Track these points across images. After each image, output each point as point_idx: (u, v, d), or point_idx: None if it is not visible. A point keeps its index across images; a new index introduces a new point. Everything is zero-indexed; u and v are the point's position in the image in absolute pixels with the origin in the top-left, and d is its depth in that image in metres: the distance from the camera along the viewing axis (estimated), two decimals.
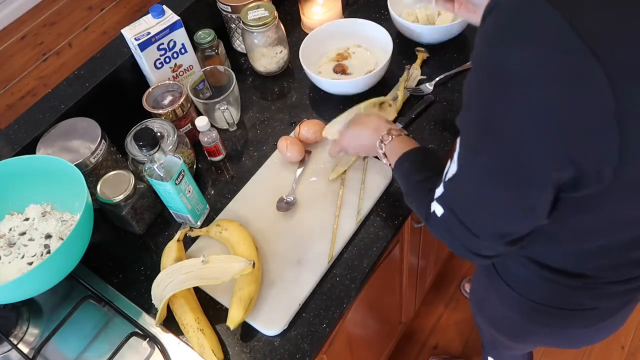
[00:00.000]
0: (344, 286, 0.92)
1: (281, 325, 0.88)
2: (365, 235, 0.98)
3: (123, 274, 1.00)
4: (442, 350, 1.78)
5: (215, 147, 1.10)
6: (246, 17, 1.16)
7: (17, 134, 1.04)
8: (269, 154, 1.11)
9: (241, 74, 1.29)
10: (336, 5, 1.30)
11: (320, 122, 1.09)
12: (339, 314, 0.90)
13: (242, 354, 0.88)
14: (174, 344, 0.90)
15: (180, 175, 0.92)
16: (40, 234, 0.97)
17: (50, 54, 2.49)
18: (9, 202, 1.00)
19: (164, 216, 1.07)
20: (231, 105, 1.13)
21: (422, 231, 1.32)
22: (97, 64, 1.14)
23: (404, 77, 1.17)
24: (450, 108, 1.14)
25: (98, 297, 0.95)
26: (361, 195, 1.01)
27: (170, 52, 1.13)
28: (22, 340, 0.94)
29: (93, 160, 0.99)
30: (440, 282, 1.89)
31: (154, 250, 1.02)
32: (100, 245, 1.05)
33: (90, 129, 1.02)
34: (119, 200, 0.96)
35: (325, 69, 1.22)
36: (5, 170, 0.97)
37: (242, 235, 0.95)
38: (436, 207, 0.70)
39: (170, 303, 0.90)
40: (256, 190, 1.06)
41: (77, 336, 0.93)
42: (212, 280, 0.86)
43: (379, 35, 1.19)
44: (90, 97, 1.10)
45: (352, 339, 1.15)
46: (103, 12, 2.57)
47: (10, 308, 0.96)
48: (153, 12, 1.09)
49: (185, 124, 1.10)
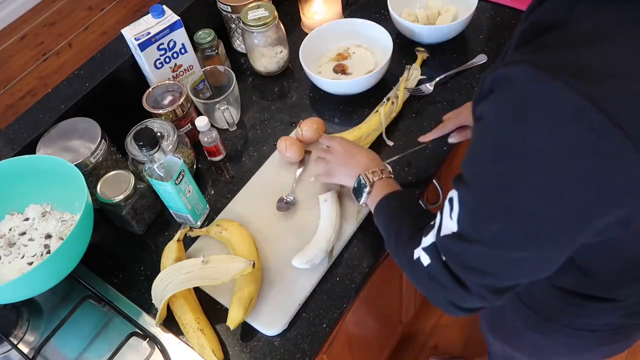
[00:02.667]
0: (344, 286, 0.92)
1: (281, 325, 0.88)
2: (365, 235, 0.98)
3: (123, 274, 1.00)
4: (442, 350, 1.78)
5: (215, 147, 1.10)
6: (246, 17, 1.16)
7: (17, 134, 1.04)
8: (269, 154, 1.11)
9: (241, 74, 1.29)
10: (336, 5, 1.30)
11: (320, 119, 1.09)
12: (339, 314, 0.90)
13: (242, 354, 0.88)
14: (174, 344, 0.90)
15: (180, 175, 0.92)
16: (40, 234, 0.97)
17: (50, 54, 2.49)
18: (9, 202, 1.00)
19: (164, 216, 1.07)
20: (231, 105, 1.13)
21: None
22: (97, 64, 1.14)
23: (404, 77, 1.17)
24: (450, 108, 1.13)
25: (98, 297, 0.95)
26: None
27: (170, 52, 1.13)
28: (22, 340, 0.94)
29: (93, 160, 0.99)
30: None
31: (154, 250, 1.02)
32: (100, 245, 1.05)
33: (90, 129, 1.02)
34: (119, 200, 0.96)
35: (325, 69, 1.22)
36: (5, 170, 0.97)
37: (242, 235, 0.95)
38: (422, 255, 0.67)
39: (170, 303, 0.90)
40: (256, 190, 1.06)
41: (77, 336, 0.93)
42: (212, 280, 0.86)
43: (379, 35, 1.19)
44: (90, 97, 1.10)
45: (352, 339, 1.15)
46: (103, 12, 2.57)
47: (10, 308, 0.96)
48: (153, 12, 1.09)
49: (185, 124, 1.10)
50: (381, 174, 0.88)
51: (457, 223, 0.61)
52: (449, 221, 0.62)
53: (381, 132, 1.09)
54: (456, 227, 0.61)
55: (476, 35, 1.26)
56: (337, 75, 1.20)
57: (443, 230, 0.63)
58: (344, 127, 1.14)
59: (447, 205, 0.62)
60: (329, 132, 1.12)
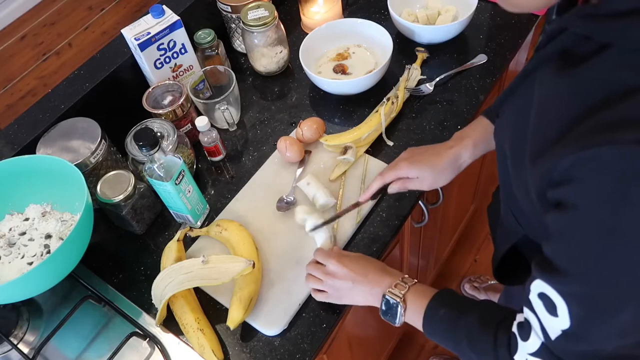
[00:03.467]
0: None
1: (281, 325, 0.88)
2: (365, 235, 0.98)
3: (123, 274, 1.00)
4: (442, 350, 1.78)
5: (215, 147, 1.10)
6: (246, 17, 1.16)
7: (17, 134, 1.04)
8: (269, 154, 1.11)
9: (241, 74, 1.29)
10: (336, 5, 1.30)
11: (320, 119, 1.09)
12: (339, 314, 0.90)
13: (242, 354, 0.88)
14: (174, 344, 0.90)
15: (180, 175, 0.92)
16: (40, 234, 0.97)
17: (50, 54, 2.49)
18: (9, 202, 1.00)
19: (164, 216, 1.07)
20: (231, 105, 1.13)
21: (422, 231, 1.33)
22: (97, 64, 1.14)
23: (404, 77, 1.17)
24: (450, 108, 1.14)
25: (98, 297, 0.95)
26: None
27: (170, 52, 1.13)
28: (22, 340, 0.94)
29: (93, 160, 0.99)
30: (440, 282, 1.89)
31: (154, 250, 1.02)
32: (100, 245, 1.05)
33: (90, 129, 1.02)
34: (119, 200, 0.96)
35: (325, 69, 1.22)
36: (5, 170, 0.97)
37: (242, 235, 0.95)
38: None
39: (170, 303, 0.90)
40: (256, 190, 1.06)
41: (77, 336, 0.93)
42: (212, 280, 0.86)
43: (379, 35, 1.19)
44: (90, 97, 1.10)
45: (352, 339, 1.15)
46: (103, 12, 2.57)
47: (10, 308, 0.96)
48: (153, 12, 1.09)
49: (185, 124, 1.10)
50: (404, 283, 0.79)
51: (569, 319, 0.55)
52: (552, 319, 0.57)
53: (381, 132, 1.09)
54: (568, 323, 0.55)
55: (476, 35, 1.26)
56: (337, 75, 1.20)
57: (550, 331, 0.58)
58: (344, 127, 1.14)
59: (539, 301, 0.57)
60: (329, 132, 1.12)
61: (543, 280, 0.56)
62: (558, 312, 0.55)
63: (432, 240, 1.48)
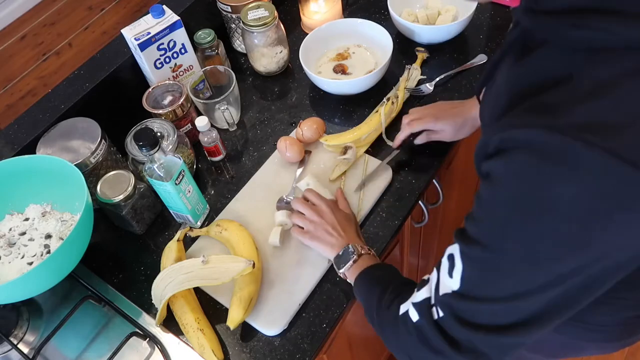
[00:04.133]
0: (344, 286, 0.92)
1: (281, 325, 0.88)
2: (365, 235, 0.98)
3: (123, 274, 1.00)
4: None
5: (215, 147, 1.10)
6: (246, 17, 1.16)
7: (17, 134, 1.04)
8: (269, 154, 1.11)
9: (241, 74, 1.29)
10: (336, 5, 1.30)
11: (320, 119, 1.09)
12: (339, 314, 0.90)
13: (242, 354, 0.88)
14: (174, 344, 0.90)
15: (180, 175, 0.92)
16: (40, 234, 0.97)
17: (50, 54, 2.49)
18: (9, 202, 1.00)
19: (164, 216, 1.07)
20: (231, 105, 1.13)
21: (422, 231, 1.33)
22: (97, 64, 1.14)
23: (404, 77, 1.17)
24: None
25: (98, 297, 0.95)
26: (361, 196, 1.01)
27: (170, 52, 1.13)
28: (22, 340, 0.94)
29: (93, 160, 0.99)
30: None
31: (154, 250, 1.02)
32: (100, 245, 1.05)
33: (90, 129, 1.02)
34: (119, 200, 0.96)
35: (325, 69, 1.22)
36: (5, 170, 0.97)
37: (242, 235, 0.95)
38: (410, 308, 0.65)
39: (170, 303, 0.90)
40: (256, 190, 1.06)
41: (77, 336, 0.93)
42: (212, 280, 0.86)
43: (379, 35, 1.19)
44: (90, 97, 1.10)
45: (352, 339, 1.15)
46: (103, 12, 2.57)
47: (10, 308, 0.96)
48: (153, 12, 1.09)
49: (185, 124, 1.10)
50: (369, 251, 0.88)
51: (460, 281, 0.58)
52: (447, 279, 0.60)
53: (381, 132, 1.09)
54: (458, 285, 0.58)
55: (476, 35, 1.26)
56: (337, 75, 1.20)
57: (442, 289, 0.61)
58: (344, 127, 1.14)
59: (446, 262, 0.60)
60: (329, 132, 1.12)
61: (456, 242, 0.59)
62: (454, 273, 0.59)
63: (432, 240, 1.48)
